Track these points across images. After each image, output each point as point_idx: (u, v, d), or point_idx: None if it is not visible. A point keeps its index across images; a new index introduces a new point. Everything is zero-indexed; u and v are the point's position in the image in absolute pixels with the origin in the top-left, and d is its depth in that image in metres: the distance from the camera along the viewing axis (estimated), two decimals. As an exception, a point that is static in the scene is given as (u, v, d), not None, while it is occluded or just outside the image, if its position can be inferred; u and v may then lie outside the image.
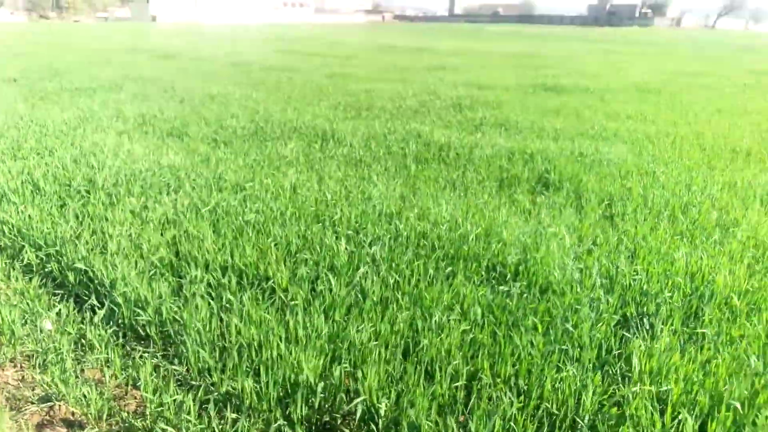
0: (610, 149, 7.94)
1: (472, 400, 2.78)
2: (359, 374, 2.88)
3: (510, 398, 2.75)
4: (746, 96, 15.11)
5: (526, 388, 2.85)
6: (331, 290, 3.61)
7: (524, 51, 31.07)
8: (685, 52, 36.58)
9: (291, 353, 3.03)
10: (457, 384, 2.86)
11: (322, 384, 2.82)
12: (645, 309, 3.59)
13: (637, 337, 3.26)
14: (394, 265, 3.97)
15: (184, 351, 3.13)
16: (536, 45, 39.17)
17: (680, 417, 2.56)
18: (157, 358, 3.19)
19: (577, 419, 2.66)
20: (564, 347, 3.13)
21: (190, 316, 3.33)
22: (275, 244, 4.22)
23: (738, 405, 2.57)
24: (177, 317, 3.41)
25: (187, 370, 3.09)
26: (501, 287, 3.77)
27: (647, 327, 3.38)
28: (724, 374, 2.85)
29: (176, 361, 3.15)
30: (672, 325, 3.36)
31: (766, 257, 4.35)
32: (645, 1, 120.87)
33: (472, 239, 4.42)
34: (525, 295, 3.68)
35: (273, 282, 3.71)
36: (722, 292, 3.71)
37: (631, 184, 6.25)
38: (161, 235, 4.43)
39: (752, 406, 2.62)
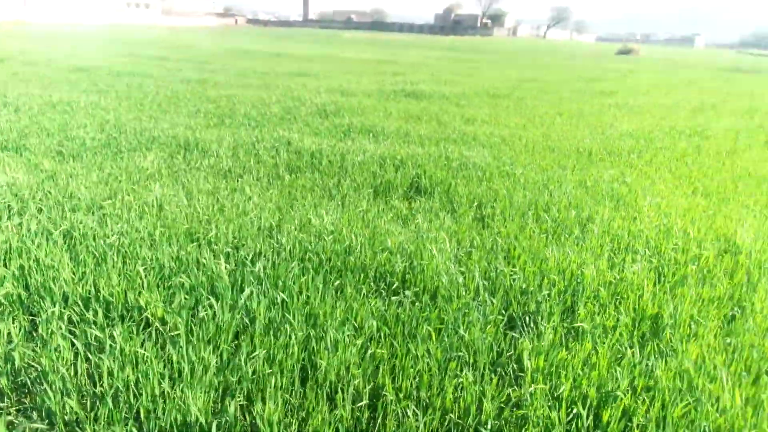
0: (473, 153, 8.33)
1: (378, 420, 2.71)
2: (257, 407, 2.68)
3: (415, 412, 2.71)
4: (581, 100, 16.72)
5: (428, 400, 2.83)
6: (214, 316, 3.35)
7: (381, 57, 31.85)
8: (524, 60, 39.78)
9: (176, 391, 2.75)
10: (360, 404, 2.77)
11: (215, 423, 2.58)
12: (527, 308, 3.76)
13: (523, 337, 3.39)
14: (280, 282, 3.78)
15: (46, 402, 2.71)
16: (392, 52, 40.38)
17: (575, 412, 2.68)
18: (10, 414, 2.73)
19: (480, 428, 2.69)
20: (459, 353, 3.17)
21: (50, 360, 2.90)
22: (145, 269, 3.83)
23: (621, 395, 2.75)
24: (33, 363, 2.95)
25: (51, 425, 2.68)
26: (392, 297, 3.74)
27: (532, 326, 3.54)
28: (605, 366, 3.06)
29: (36, 415, 2.72)
30: (553, 321, 3.54)
31: (622, 249, 4.78)
32: (485, 12, 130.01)
33: (357, 250, 4.37)
34: (416, 303, 3.69)
35: (147, 312, 3.36)
36: (591, 285, 4.00)
37: (496, 186, 6.58)
38: (5, 266, 3.84)
39: (635, 394, 2.83)
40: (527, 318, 3.65)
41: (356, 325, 3.39)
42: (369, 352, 3.12)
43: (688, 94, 19.81)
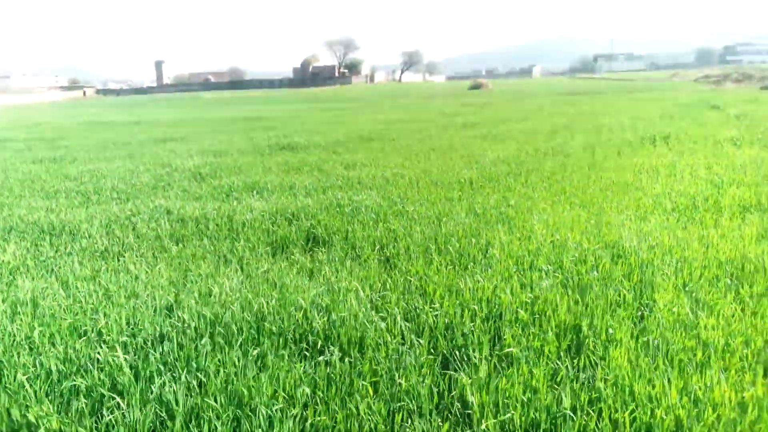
0: (362, 196, 8.33)
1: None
2: None
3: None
4: (448, 134, 17.56)
5: (382, 461, 2.64)
6: (124, 417, 2.93)
7: (248, 115, 31.56)
8: (387, 103, 41.38)
9: None
10: (310, 483, 2.52)
11: None
12: (455, 342, 3.70)
13: (460, 373, 3.31)
14: (193, 364, 3.42)
15: None
16: (257, 108, 40.25)
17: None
18: None
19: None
20: (402, 403, 3.02)
21: None
22: (29, 378, 3.30)
23: (570, 413, 2.75)
24: None
25: None
26: (319, 357, 3.52)
27: (465, 360, 3.48)
28: (545, 386, 3.05)
29: None
30: (484, 352, 3.51)
31: (527, 269, 4.92)
32: (342, 62, 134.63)
33: (270, 313, 4.10)
34: (345, 358, 3.49)
35: (41, 429, 2.86)
36: (510, 308, 4.05)
37: (393, 226, 6.59)
38: None
39: (582, 410, 2.83)
40: (458, 352, 3.58)
41: (287, 396, 3.13)
42: (308, 422, 2.87)
43: (540, 119, 21.57)
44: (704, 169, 9.50)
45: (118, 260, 5.83)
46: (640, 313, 4.02)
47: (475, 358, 3.44)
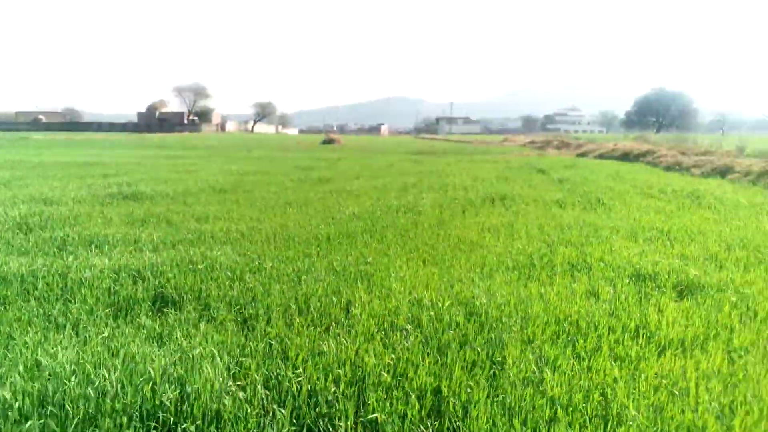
0: (216, 252, 7.97)
1: None
2: None
3: None
4: (304, 188, 17.60)
5: None
6: None
7: (86, 160, 29.10)
8: (239, 154, 40.57)
9: None
10: None
11: None
12: (319, 410, 3.59)
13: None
14: (16, 455, 2.94)
15: None
16: (96, 152, 37.33)
17: None
18: None
19: None
20: (266, 484, 2.83)
21: None
22: None
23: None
24: None
25: None
26: (171, 438, 3.21)
27: (330, 429, 3.38)
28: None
29: None
30: (349, 420, 3.44)
31: (388, 328, 4.97)
32: (191, 109, 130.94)
33: (112, 386, 3.68)
34: (202, 437, 3.22)
35: None
36: (374, 371, 4.04)
37: (251, 284, 6.36)
38: None
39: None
40: (322, 421, 3.48)
41: (134, 485, 2.79)
42: None
43: (391, 176, 22.47)
44: (537, 229, 10.46)
45: None
46: (492, 371, 4.22)
47: (340, 427, 3.36)
